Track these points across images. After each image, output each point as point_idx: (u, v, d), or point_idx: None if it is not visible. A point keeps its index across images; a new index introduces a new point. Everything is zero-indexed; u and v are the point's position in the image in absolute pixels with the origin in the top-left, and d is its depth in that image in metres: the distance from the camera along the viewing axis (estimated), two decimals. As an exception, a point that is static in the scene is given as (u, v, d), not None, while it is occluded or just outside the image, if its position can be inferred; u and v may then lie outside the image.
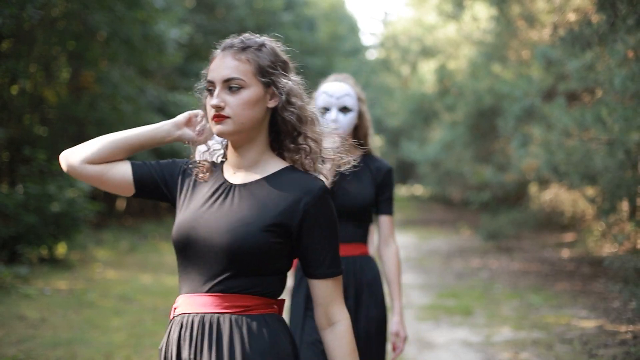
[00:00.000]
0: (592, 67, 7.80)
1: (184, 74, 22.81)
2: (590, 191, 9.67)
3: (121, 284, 10.10)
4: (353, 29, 40.74)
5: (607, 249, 12.86)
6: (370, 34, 64.59)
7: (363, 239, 3.73)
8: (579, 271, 11.66)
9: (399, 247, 3.75)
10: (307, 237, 2.13)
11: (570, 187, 8.43)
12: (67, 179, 11.70)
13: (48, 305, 8.20)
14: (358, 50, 39.60)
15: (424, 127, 25.58)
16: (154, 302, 8.91)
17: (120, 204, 22.83)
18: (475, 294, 9.99)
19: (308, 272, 2.18)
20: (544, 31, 12.53)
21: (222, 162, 2.30)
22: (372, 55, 41.05)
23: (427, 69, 21.98)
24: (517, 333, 7.50)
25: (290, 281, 4.79)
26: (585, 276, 11.14)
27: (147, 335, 7.02)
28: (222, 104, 2.12)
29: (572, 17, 9.61)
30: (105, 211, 20.66)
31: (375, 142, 3.89)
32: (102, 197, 21.74)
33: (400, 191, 57.26)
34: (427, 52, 22.95)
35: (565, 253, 13.76)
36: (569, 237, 15.80)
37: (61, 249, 12.05)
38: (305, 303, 3.60)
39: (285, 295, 4.89)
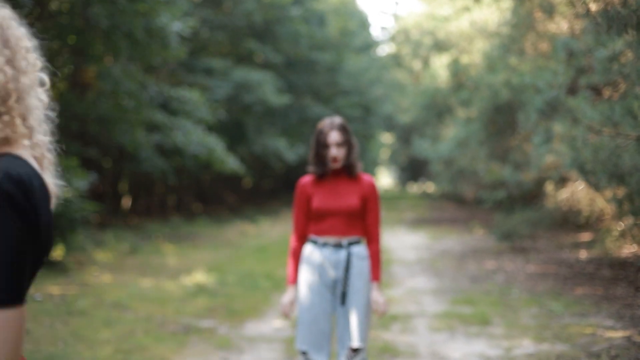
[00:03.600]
0: (617, 59, 7.24)
1: (191, 70, 22.34)
2: (618, 191, 9.06)
3: (117, 289, 9.57)
4: (363, 24, 40.20)
5: (627, 250, 12.35)
6: (381, 28, 63.96)
7: None
8: (599, 274, 11.09)
9: None
10: None
11: (597, 187, 7.85)
12: (62, 178, 11.20)
13: (35, 314, 7.69)
14: (369, 46, 39.11)
15: (437, 123, 25.08)
16: (150, 310, 8.36)
17: (126, 203, 22.40)
18: (492, 299, 9.42)
19: None
20: (563, 22, 11.96)
21: None
22: (382, 51, 40.58)
23: (440, 63, 21.43)
24: (539, 345, 6.92)
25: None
26: (605, 279, 10.57)
27: (136, 351, 6.46)
28: None
29: (593, 7, 9.05)
30: (109, 210, 20.27)
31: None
32: (109, 195, 21.36)
33: (412, 189, 56.86)
34: (440, 46, 22.41)
35: (583, 254, 13.21)
36: (585, 236, 15.25)
37: (59, 250, 11.56)
38: None
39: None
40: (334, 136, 4.41)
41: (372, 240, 4.48)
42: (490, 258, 13.78)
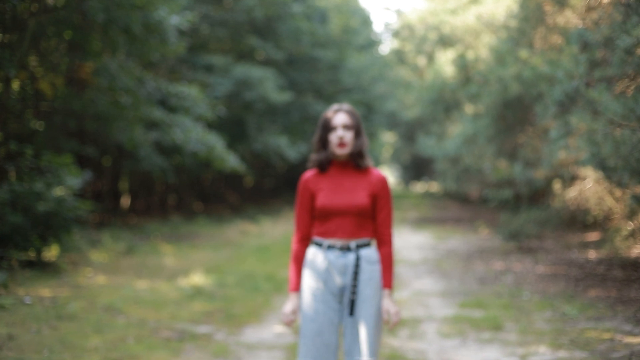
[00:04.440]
0: (634, 51, 6.85)
1: (191, 66, 21.96)
2: (637, 189, 8.65)
3: (111, 292, 9.16)
4: (366, 22, 39.82)
5: (637, 250, 12.02)
6: (384, 25, 63.71)
7: None
8: (611, 275, 10.71)
9: None
10: None
11: (619, 184, 7.45)
12: (56, 175, 10.82)
13: (22, 318, 7.27)
14: (371, 44, 38.74)
15: (444, 118, 24.69)
16: (143, 314, 7.94)
17: (125, 202, 22.06)
18: (502, 302, 9.02)
19: None
20: (575, 15, 11.57)
21: None
22: (385, 49, 40.28)
23: (445, 59, 21.03)
24: (556, 353, 6.51)
25: None
26: (618, 281, 10.20)
27: (125, 360, 6.07)
28: None
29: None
30: (109, 209, 19.90)
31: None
32: (108, 194, 21.00)
33: (415, 188, 56.41)
34: (445, 41, 22.01)
35: (592, 254, 12.86)
36: (592, 236, 14.90)
37: (54, 251, 11.17)
38: None
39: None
40: (341, 117, 3.97)
41: (384, 242, 4.00)
42: (498, 258, 13.41)
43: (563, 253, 13.49)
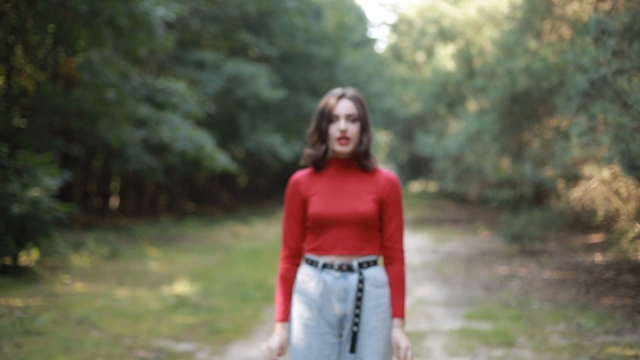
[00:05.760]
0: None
1: (181, 62, 21.34)
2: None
3: (87, 301, 8.45)
4: (361, 19, 39.33)
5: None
6: (381, 22, 63.31)
7: None
8: (622, 280, 10.13)
9: None
10: None
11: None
12: (32, 176, 10.12)
13: (-16, 334, 6.58)
14: (366, 42, 38.24)
15: (446, 115, 24.09)
16: (119, 328, 7.22)
17: (114, 202, 21.45)
18: (511, 313, 8.36)
19: None
20: (583, 5, 10.97)
21: None
22: (381, 48, 39.89)
23: (445, 53, 20.44)
24: (577, 373, 5.86)
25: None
26: (630, 287, 9.62)
27: (92, 386, 5.37)
28: None
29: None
30: (97, 209, 19.29)
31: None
32: (97, 194, 20.40)
33: (413, 188, 55.86)
34: (445, 35, 21.45)
35: (598, 257, 12.32)
36: (595, 238, 14.34)
37: (33, 255, 10.49)
38: None
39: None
40: (345, 105, 3.17)
41: (394, 260, 3.20)
42: (501, 262, 12.82)
43: (568, 256, 12.96)
